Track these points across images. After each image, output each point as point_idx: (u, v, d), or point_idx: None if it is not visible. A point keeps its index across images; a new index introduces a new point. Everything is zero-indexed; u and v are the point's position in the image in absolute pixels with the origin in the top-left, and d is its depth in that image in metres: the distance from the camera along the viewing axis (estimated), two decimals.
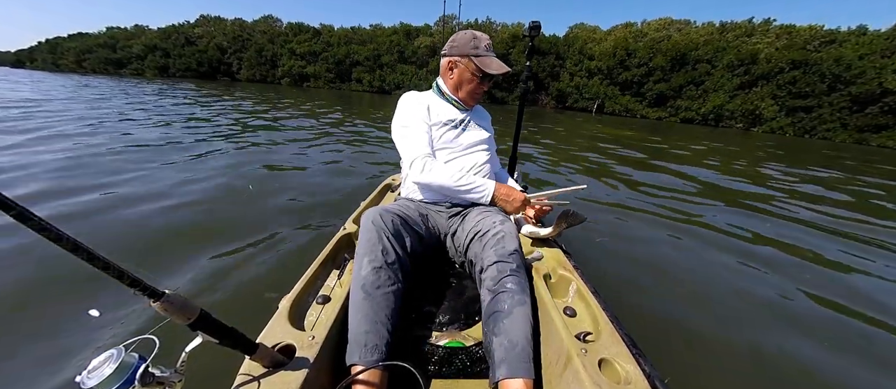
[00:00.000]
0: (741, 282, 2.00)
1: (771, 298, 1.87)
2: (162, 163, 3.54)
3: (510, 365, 0.75)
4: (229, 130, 5.89)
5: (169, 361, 0.51)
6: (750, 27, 26.71)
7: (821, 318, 1.74)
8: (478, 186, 1.13)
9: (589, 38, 30.39)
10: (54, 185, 2.68)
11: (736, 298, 1.84)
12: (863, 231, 3.11)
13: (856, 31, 22.72)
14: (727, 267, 2.18)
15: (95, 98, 10.08)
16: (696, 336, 1.52)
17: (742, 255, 2.36)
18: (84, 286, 1.48)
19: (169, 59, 42.27)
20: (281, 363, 0.66)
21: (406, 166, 1.16)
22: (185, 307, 0.49)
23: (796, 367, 1.40)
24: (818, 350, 1.50)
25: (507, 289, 0.86)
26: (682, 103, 24.00)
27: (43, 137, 4.31)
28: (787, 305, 1.82)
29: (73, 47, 53.06)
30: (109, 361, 0.45)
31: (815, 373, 1.38)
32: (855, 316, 1.76)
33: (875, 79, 18.64)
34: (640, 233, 2.64)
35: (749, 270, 2.17)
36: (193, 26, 44.51)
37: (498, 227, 1.01)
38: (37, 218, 0.36)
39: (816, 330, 1.63)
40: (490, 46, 1.17)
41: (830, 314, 1.78)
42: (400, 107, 1.21)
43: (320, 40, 38.07)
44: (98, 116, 6.39)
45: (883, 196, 4.81)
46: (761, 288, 1.95)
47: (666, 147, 8.53)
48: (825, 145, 15.42)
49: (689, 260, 2.26)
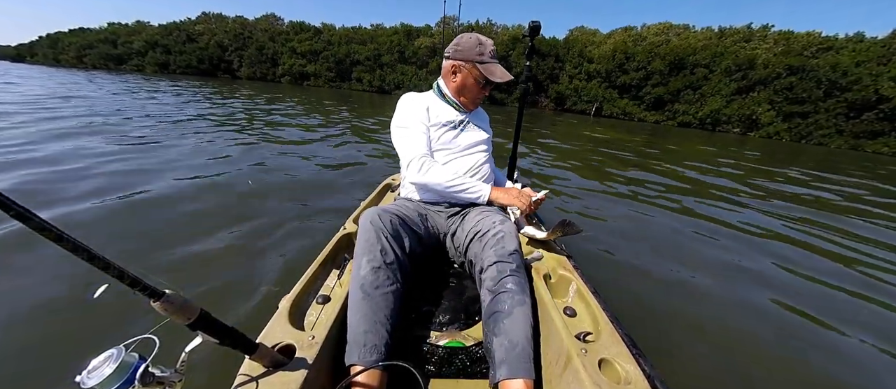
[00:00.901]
0: (742, 282, 2.01)
1: (773, 298, 1.88)
2: (162, 163, 3.52)
3: (511, 366, 0.75)
4: (232, 127, 5.87)
5: (169, 361, 0.51)
6: (748, 33, 26.86)
7: (827, 317, 1.75)
8: (473, 188, 1.14)
9: (588, 41, 30.49)
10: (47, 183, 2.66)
11: (736, 298, 1.85)
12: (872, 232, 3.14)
13: (853, 38, 22.90)
14: (727, 267, 2.19)
15: (105, 95, 10.02)
16: (696, 336, 1.53)
17: (742, 255, 2.38)
18: (85, 285, 1.47)
19: (170, 55, 42.10)
20: (281, 363, 0.66)
21: (404, 166, 1.16)
22: (185, 306, 0.49)
23: (797, 367, 1.41)
24: (819, 350, 1.51)
25: (507, 290, 0.87)
26: (680, 107, 24.12)
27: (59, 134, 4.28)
28: (789, 305, 1.83)
29: (73, 42, 52.67)
30: (109, 361, 0.44)
31: (815, 373, 1.39)
32: (855, 316, 1.77)
33: (871, 86, 18.81)
34: (638, 233, 2.65)
35: (749, 269, 2.18)
36: (195, 23, 44.35)
37: (498, 227, 1.01)
38: (37, 218, 0.36)
39: (818, 330, 1.64)
40: (494, 53, 1.17)
41: (831, 313, 1.79)
42: (399, 108, 1.22)
43: (321, 39, 38.08)
44: (103, 114, 6.35)
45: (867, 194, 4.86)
46: (762, 288, 1.96)
47: (667, 148, 8.57)
48: (820, 150, 15.54)
49: (690, 260, 2.26)
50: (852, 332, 1.67)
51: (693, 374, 1.33)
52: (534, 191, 1.22)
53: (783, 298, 1.90)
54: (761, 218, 3.40)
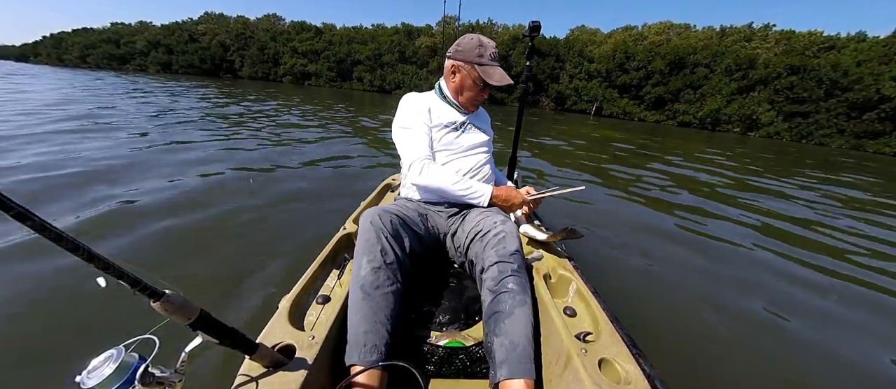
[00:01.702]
0: (742, 282, 2.01)
1: (773, 298, 1.87)
2: (161, 161, 3.52)
3: (511, 366, 0.75)
4: (233, 127, 5.87)
5: (169, 361, 0.51)
6: (749, 32, 26.78)
7: (822, 318, 1.75)
8: (475, 191, 1.13)
9: (589, 40, 30.47)
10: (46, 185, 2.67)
11: (737, 298, 1.85)
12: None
13: (855, 38, 22.82)
14: (727, 267, 2.19)
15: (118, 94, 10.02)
16: (696, 336, 1.53)
17: (743, 255, 2.37)
18: (85, 285, 1.47)
19: (172, 55, 42.32)
20: (281, 363, 0.66)
21: (405, 167, 1.16)
22: (185, 307, 0.49)
23: (797, 367, 1.41)
24: (820, 351, 1.51)
25: (508, 290, 0.87)
26: (680, 107, 24.07)
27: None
28: (789, 304, 1.83)
29: (77, 42, 53.02)
30: (109, 361, 0.44)
31: (815, 373, 1.39)
32: (860, 316, 1.77)
33: (873, 85, 18.75)
34: (638, 233, 2.64)
35: (750, 270, 2.17)
36: (197, 23, 44.56)
37: (499, 227, 1.01)
38: (37, 218, 0.36)
39: (819, 330, 1.64)
40: (495, 55, 1.16)
41: (832, 313, 1.79)
42: (401, 108, 1.21)
43: (322, 39, 38.16)
44: (108, 115, 6.36)
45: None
46: (763, 288, 1.95)
47: (666, 148, 8.56)
48: (821, 151, 15.51)
49: (690, 260, 2.26)
50: (853, 332, 1.66)
51: (693, 374, 1.33)
52: (534, 190, 1.22)
53: (783, 298, 1.90)
54: (762, 218, 3.40)
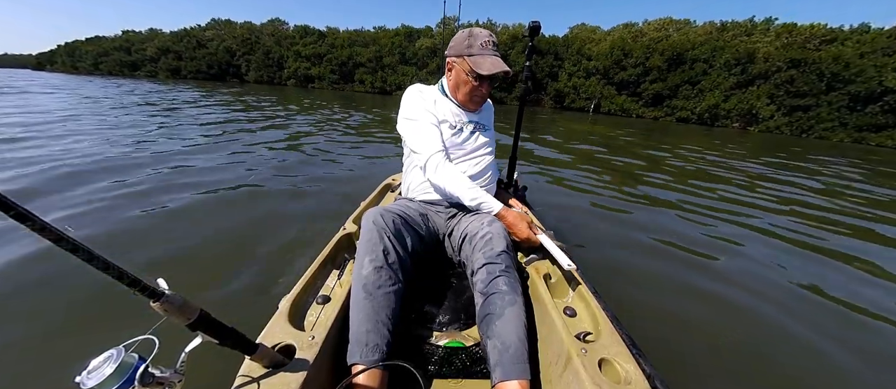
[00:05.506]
0: (742, 282, 2.00)
1: (773, 299, 1.86)
2: (160, 161, 3.53)
3: (504, 368, 0.75)
4: (237, 128, 5.89)
5: (169, 361, 0.51)
6: (750, 26, 26.62)
7: (823, 317, 1.74)
8: (483, 203, 1.10)
9: (588, 38, 30.45)
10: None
11: (737, 298, 1.84)
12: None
13: (858, 30, 22.62)
14: (728, 267, 2.18)
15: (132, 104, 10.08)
16: (696, 336, 1.52)
17: (743, 255, 2.36)
18: (84, 285, 1.48)
19: (181, 61, 43.23)
20: (281, 363, 0.66)
21: (420, 160, 1.12)
22: (185, 307, 0.49)
23: (797, 366, 1.40)
24: (820, 351, 1.50)
25: (498, 291, 0.86)
26: (678, 103, 23.97)
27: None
28: (789, 304, 1.82)
29: (90, 50, 54.67)
30: (109, 361, 0.44)
31: (816, 373, 1.38)
32: (862, 314, 1.76)
33: (875, 77, 18.59)
34: (639, 233, 2.63)
35: (750, 270, 2.16)
36: (205, 29, 45.24)
37: (485, 228, 1.00)
38: (36, 218, 0.36)
39: (819, 329, 1.63)
40: (487, 44, 1.08)
41: (834, 312, 1.78)
42: (406, 100, 1.18)
43: (325, 42, 38.42)
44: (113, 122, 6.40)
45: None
46: (763, 288, 1.94)
47: (664, 145, 8.53)
48: (823, 144, 15.43)
49: (690, 260, 2.25)
50: (853, 334, 1.65)
51: (693, 374, 1.32)
52: (537, 220, 1.24)
53: (784, 298, 1.89)
54: (763, 218, 3.38)
